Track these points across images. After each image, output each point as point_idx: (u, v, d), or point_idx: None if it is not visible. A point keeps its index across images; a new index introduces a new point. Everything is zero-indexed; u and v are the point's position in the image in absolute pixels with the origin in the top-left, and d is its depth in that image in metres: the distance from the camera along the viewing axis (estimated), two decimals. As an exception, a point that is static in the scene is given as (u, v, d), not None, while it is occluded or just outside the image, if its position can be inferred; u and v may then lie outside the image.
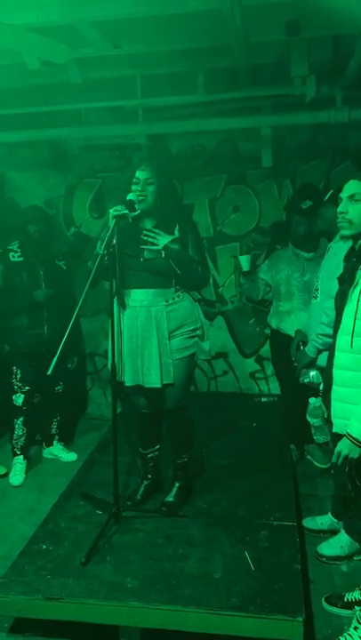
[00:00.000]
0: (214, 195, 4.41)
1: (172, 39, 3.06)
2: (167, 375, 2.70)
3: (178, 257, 2.66)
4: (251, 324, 4.57)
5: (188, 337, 2.76)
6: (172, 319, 2.70)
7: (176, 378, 2.73)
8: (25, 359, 3.66)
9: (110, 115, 4.13)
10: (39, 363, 3.52)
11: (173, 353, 2.71)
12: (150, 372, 2.68)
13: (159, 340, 2.67)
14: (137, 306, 2.70)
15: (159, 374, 2.67)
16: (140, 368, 2.71)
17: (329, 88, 3.57)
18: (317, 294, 3.00)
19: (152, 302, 2.69)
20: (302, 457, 3.83)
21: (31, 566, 2.46)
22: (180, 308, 2.73)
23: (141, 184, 2.65)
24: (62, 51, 2.96)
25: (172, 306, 2.71)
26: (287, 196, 4.31)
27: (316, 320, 2.88)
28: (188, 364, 2.79)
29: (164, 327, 2.68)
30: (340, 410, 2.21)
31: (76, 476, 3.35)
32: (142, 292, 2.70)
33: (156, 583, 2.33)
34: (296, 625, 2.10)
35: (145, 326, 2.68)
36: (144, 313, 2.69)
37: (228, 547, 2.58)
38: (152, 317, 2.68)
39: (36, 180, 4.55)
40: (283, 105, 3.82)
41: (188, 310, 2.76)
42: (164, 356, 2.68)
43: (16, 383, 3.70)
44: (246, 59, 3.24)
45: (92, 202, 4.57)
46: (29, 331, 3.63)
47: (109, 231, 2.55)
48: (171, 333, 2.70)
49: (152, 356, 2.68)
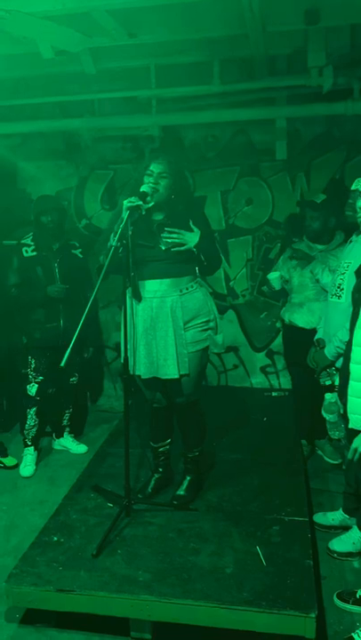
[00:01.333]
0: (227, 187, 4.36)
1: (188, 28, 3.03)
2: (183, 366, 2.69)
3: (209, 250, 2.69)
4: (262, 317, 4.54)
5: (202, 329, 2.74)
6: (187, 310, 2.69)
7: (190, 370, 2.71)
8: (41, 350, 3.66)
9: (124, 105, 4.10)
10: (54, 354, 3.52)
11: (188, 345, 2.69)
12: (167, 363, 2.67)
13: (175, 330, 2.66)
14: (151, 297, 2.69)
15: (176, 365, 2.66)
16: (156, 359, 2.69)
17: (346, 79, 3.52)
18: (341, 294, 2.83)
19: (166, 292, 2.68)
20: (313, 452, 3.81)
21: (42, 558, 2.46)
22: (193, 298, 2.72)
23: (155, 177, 2.63)
24: (77, 39, 2.93)
25: (186, 296, 2.70)
26: (301, 189, 4.26)
27: (340, 321, 2.75)
28: (201, 357, 2.77)
29: (179, 317, 2.67)
30: (357, 406, 2.19)
31: (86, 468, 3.34)
32: (156, 282, 2.68)
33: (168, 577, 2.33)
34: (309, 621, 2.08)
35: (160, 317, 2.67)
36: (159, 303, 2.67)
37: (240, 541, 2.57)
38: (168, 307, 2.66)
39: (49, 171, 4.53)
40: (298, 96, 3.77)
41: (202, 301, 2.75)
42: (180, 346, 2.67)
43: (30, 373, 3.70)
44: (263, 48, 3.20)
45: (104, 193, 4.54)
46: (46, 324, 3.62)
47: (123, 223, 2.52)
48: (185, 324, 2.69)
49: (168, 347, 2.66)
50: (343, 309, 2.77)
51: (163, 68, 3.67)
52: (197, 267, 2.76)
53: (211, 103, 3.85)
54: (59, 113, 4.17)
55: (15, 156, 4.44)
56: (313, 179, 4.22)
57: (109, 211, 4.50)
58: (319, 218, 3.45)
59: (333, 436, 3.00)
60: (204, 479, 3.09)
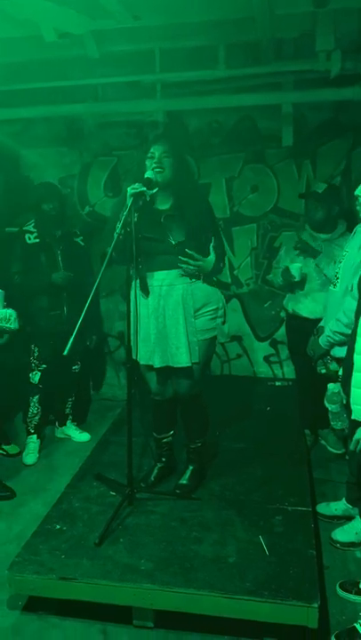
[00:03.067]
0: (232, 174, 4.30)
1: (194, 10, 2.96)
2: (195, 354, 2.67)
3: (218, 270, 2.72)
4: (266, 307, 4.51)
5: (212, 318, 2.73)
6: (197, 297, 2.67)
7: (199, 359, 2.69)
8: (44, 338, 3.65)
9: (127, 90, 4.03)
10: (57, 342, 3.50)
11: (197, 333, 2.67)
12: (180, 352, 2.64)
13: (185, 318, 2.63)
14: (159, 285, 2.66)
15: (188, 353, 2.64)
16: (168, 348, 2.67)
17: (354, 63, 3.43)
18: (337, 282, 2.86)
19: (175, 280, 2.65)
20: (316, 442, 3.79)
21: (45, 546, 2.46)
22: (203, 286, 2.70)
23: (157, 158, 2.59)
24: (80, 21, 2.88)
25: (197, 283, 2.68)
26: (306, 177, 4.20)
27: (333, 310, 2.78)
28: (209, 346, 2.75)
29: (190, 305, 2.65)
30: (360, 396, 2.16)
31: (89, 457, 3.34)
32: (164, 272, 2.65)
33: (170, 566, 2.33)
34: (312, 611, 2.08)
35: (171, 305, 2.64)
36: (168, 291, 2.64)
37: (243, 531, 2.56)
38: (179, 295, 2.64)
39: (52, 157, 4.48)
40: (305, 81, 3.69)
41: (211, 289, 2.73)
42: (190, 334, 2.65)
43: (33, 361, 3.70)
44: (270, 32, 3.13)
45: (108, 180, 4.49)
46: (50, 312, 3.60)
47: (126, 210, 2.49)
48: (196, 312, 2.67)
49: (180, 335, 2.64)
50: (337, 298, 2.77)
51: (167, 52, 3.60)
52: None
53: (216, 88, 3.78)
54: (61, 98, 4.10)
55: (18, 142, 4.39)
56: (319, 166, 4.16)
57: (112, 198, 4.45)
58: (323, 207, 3.41)
59: (336, 426, 2.99)
60: (207, 468, 3.08)
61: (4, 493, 3.22)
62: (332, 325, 2.73)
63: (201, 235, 2.67)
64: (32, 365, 3.71)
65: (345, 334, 2.57)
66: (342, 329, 2.64)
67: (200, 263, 2.60)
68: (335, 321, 2.70)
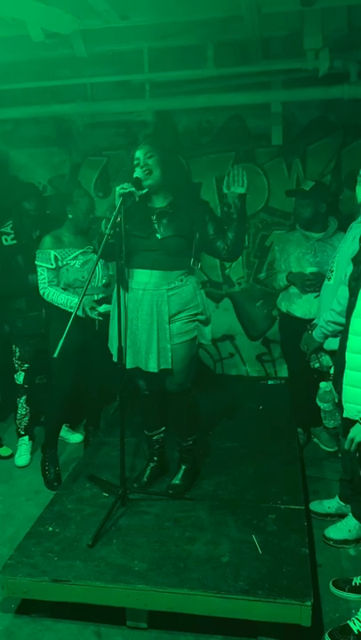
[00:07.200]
0: (222, 173, 4.27)
1: (182, 10, 2.95)
2: (165, 360, 2.65)
3: (243, 211, 2.69)
4: (258, 306, 4.52)
5: (189, 321, 2.69)
6: (174, 303, 2.64)
7: (177, 362, 2.68)
8: (24, 339, 3.64)
9: (116, 90, 4.03)
10: (37, 341, 3.54)
11: (173, 337, 2.65)
12: (150, 357, 2.64)
13: (158, 324, 2.62)
14: (139, 289, 2.64)
15: (156, 359, 2.63)
16: (139, 351, 2.67)
17: (343, 62, 3.46)
18: (331, 276, 2.89)
19: (155, 285, 2.63)
20: (309, 440, 3.80)
21: (38, 548, 2.45)
22: (182, 292, 2.66)
23: (142, 160, 2.59)
24: (68, 21, 2.86)
25: (175, 290, 2.65)
26: (297, 176, 4.21)
27: (328, 303, 2.80)
28: (189, 347, 2.72)
29: (164, 312, 2.62)
30: (353, 394, 2.16)
31: (82, 458, 3.33)
32: (147, 273, 2.63)
33: (164, 566, 2.32)
34: (305, 609, 2.08)
35: (146, 310, 2.63)
36: (146, 296, 2.63)
37: (236, 530, 2.56)
38: (153, 302, 2.62)
39: (41, 157, 4.47)
40: (294, 80, 3.71)
41: (191, 295, 2.69)
42: (162, 340, 2.63)
43: (16, 362, 3.68)
44: (258, 31, 3.13)
45: (97, 181, 4.48)
46: (28, 313, 3.58)
47: (115, 210, 2.48)
48: (171, 317, 2.64)
49: (152, 341, 2.63)
50: (331, 291, 2.79)
51: (156, 51, 3.59)
52: (220, 253, 2.72)
53: (205, 87, 3.78)
54: (50, 98, 4.09)
55: (6, 142, 4.36)
56: (309, 164, 4.17)
57: (103, 198, 4.45)
58: (310, 205, 3.42)
59: (328, 424, 3.00)
60: (200, 468, 3.08)
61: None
62: (326, 316, 2.72)
63: (194, 233, 2.67)
64: (15, 366, 3.69)
65: (339, 323, 2.56)
66: (336, 318, 2.63)
67: (244, 178, 2.65)
68: (329, 311, 2.70)
